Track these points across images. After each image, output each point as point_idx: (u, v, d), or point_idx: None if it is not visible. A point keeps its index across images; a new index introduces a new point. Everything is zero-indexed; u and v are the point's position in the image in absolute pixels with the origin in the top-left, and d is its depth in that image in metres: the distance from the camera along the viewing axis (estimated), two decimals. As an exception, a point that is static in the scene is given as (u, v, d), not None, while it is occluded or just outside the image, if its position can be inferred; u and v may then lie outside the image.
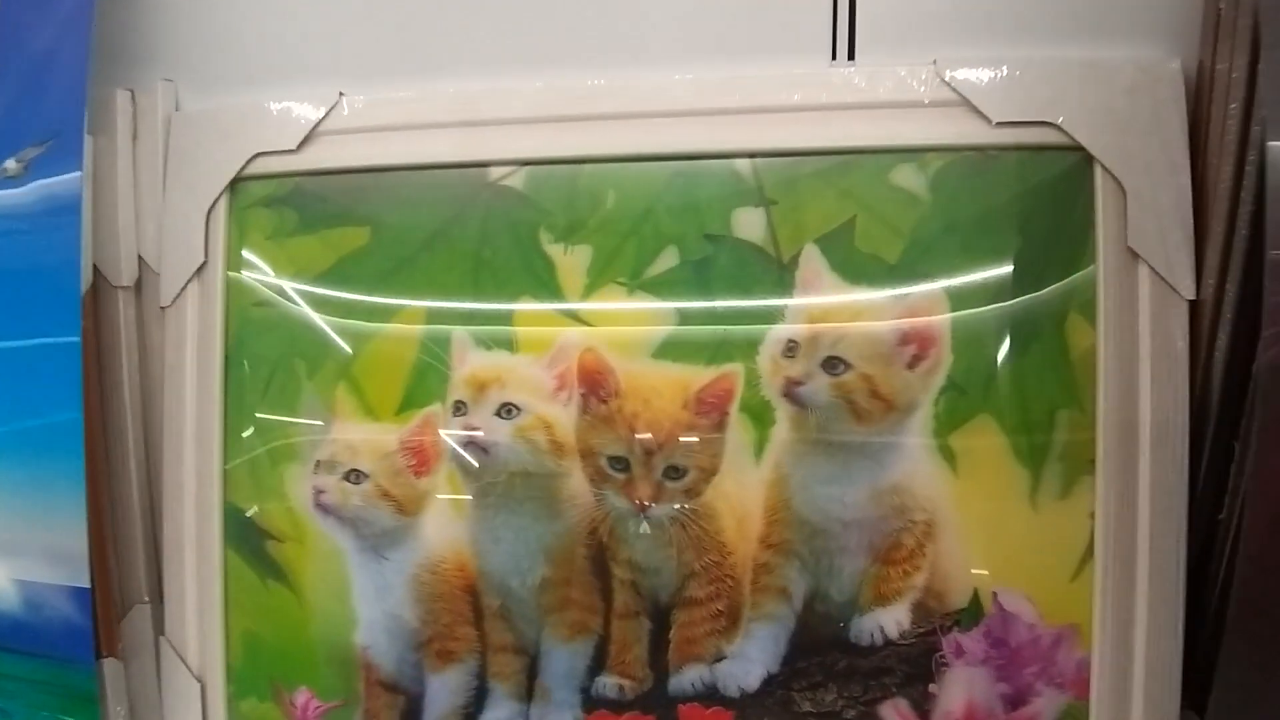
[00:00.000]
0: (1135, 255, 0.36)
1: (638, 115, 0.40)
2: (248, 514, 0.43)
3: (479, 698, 0.41)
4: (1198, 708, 0.37)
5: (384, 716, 0.42)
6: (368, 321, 0.42)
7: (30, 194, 0.44)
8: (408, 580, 0.42)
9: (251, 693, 0.44)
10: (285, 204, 0.44)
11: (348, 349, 0.43)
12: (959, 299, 0.37)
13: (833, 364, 0.37)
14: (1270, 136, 0.31)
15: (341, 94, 0.43)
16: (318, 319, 0.43)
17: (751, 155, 0.39)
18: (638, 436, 0.39)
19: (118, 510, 0.46)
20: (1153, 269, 0.35)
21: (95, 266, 0.46)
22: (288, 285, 0.44)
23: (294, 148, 0.44)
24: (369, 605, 0.42)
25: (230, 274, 0.44)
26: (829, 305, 0.38)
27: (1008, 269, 0.37)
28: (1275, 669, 0.32)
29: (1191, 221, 0.36)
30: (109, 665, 0.45)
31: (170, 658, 0.45)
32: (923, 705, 0.37)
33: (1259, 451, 0.30)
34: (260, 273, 0.44)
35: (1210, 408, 0.36)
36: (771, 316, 0.38)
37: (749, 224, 0.39)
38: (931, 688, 0.37)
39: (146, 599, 0.46)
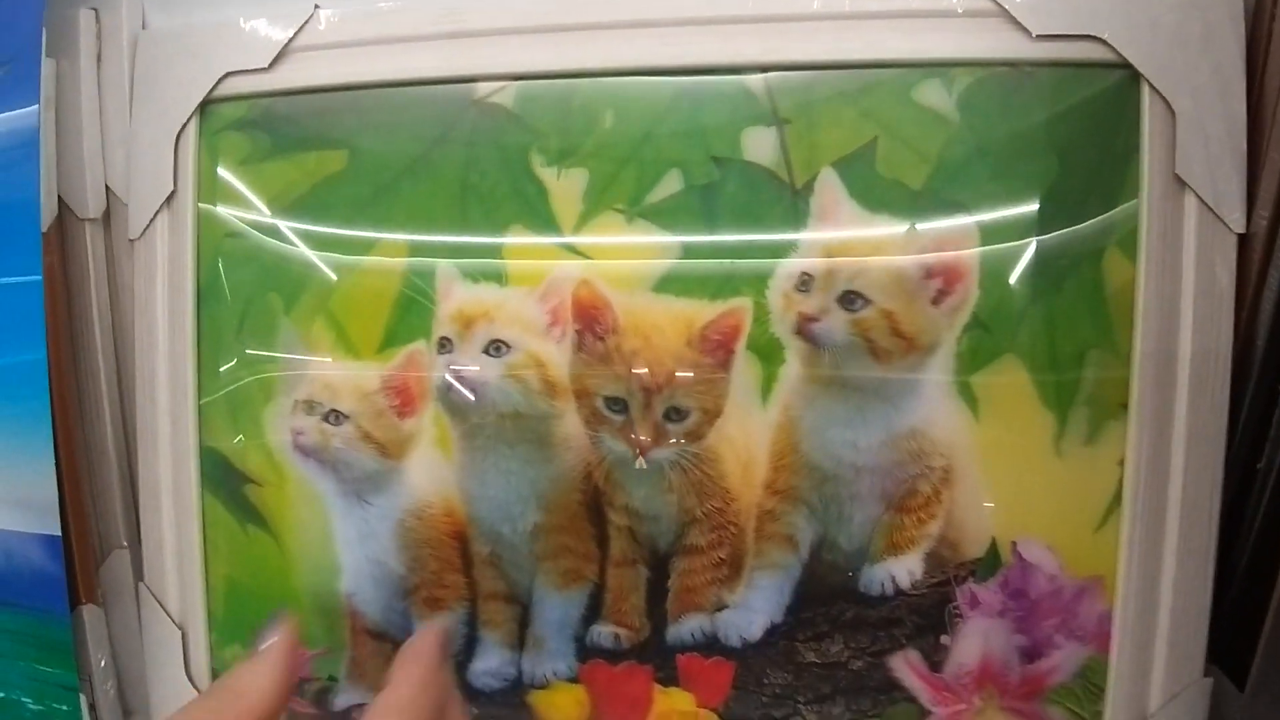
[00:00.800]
0: (1182, 184, 0.33)
1: (639, 25, 0.36)
2: (235, 442, 0.41)
3: (469, 646, 0.40)
4: (1219, 660, 0.35)
5: (371, 664, 0.41)
6: (346, 252, 0.40)
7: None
8: (393, 526, 0.40)
9: (235, 640, 0.42)
10: (257, 127, 0.41)
11: (326, 282, 0.40)
12: (989, 230, 0.34)
13: (851, 299, 0.35)
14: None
15: (316, 6, 0.40)
16: (293, 250, 0.40)
17: (765, 70, 0.36)
18: (637, 376, 0.37)
19: (92, 452, 0.44)
20: (1200, 199, 0.32)
21: (60, 198, 0.43)
22: (261, 214, 0.41)
23: (266, 66, 0.40)
24: (352, 552, 0.40)
25: (201, 203, 0.41)
26: (847, 235, 0.35)
27: (1043, 198, 0.34)
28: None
29: (1245, 149, 0.33)
30: (89, 611, 0.44)
31: (150, 604, 0.43)
32: (934, 657, 0.36)
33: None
34: (232, 201, 0.41)
35: (1255, 349, 0.33)
36: (784, 248, 0.35)
37: (760, 146, 0.36)
38: (944, 639, 0.35)
39: (125, 544, 0.44)
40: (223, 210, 0.41)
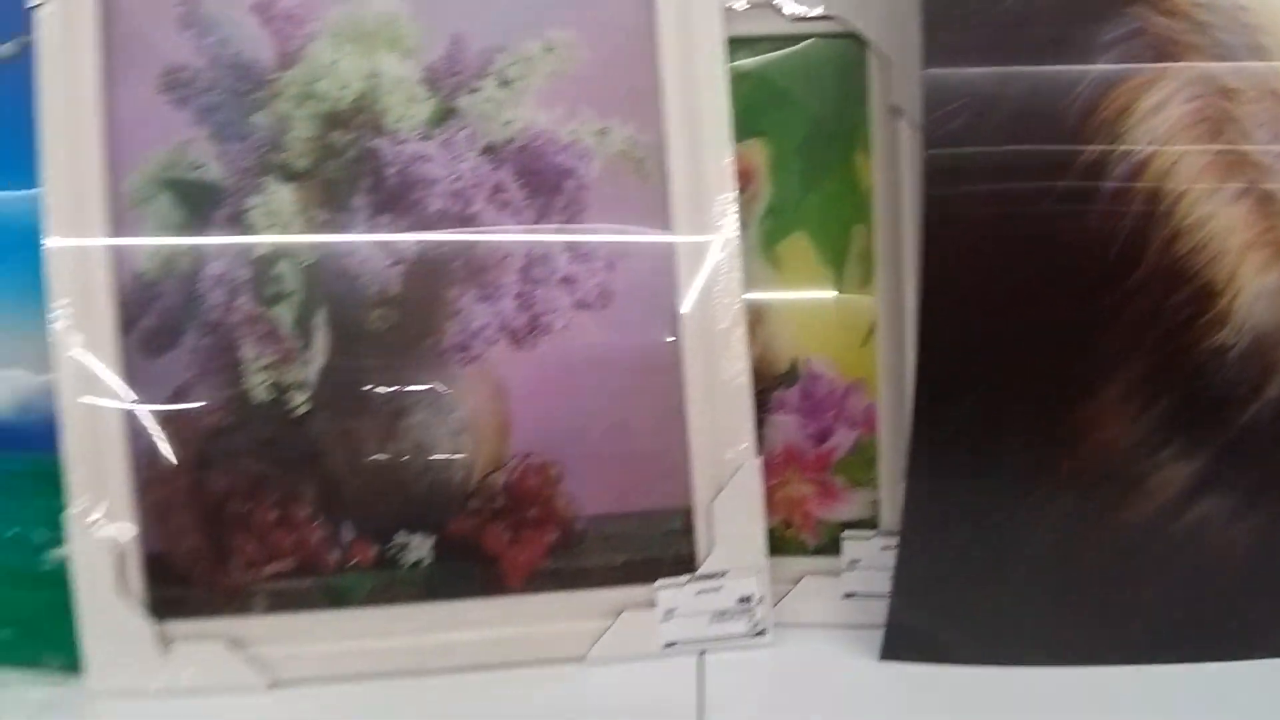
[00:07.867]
0: (898, 110, 0.49)
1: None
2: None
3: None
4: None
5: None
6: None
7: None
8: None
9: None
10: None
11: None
12: (778, 145, 0.50)
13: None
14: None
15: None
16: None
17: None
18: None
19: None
20: (910, 120, 0.48)
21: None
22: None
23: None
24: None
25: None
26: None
27: (815, 122, 0.50)
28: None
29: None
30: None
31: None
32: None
33: (923, 236, 0.40)
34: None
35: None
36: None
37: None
38: (763, 432, 0.49)
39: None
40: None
